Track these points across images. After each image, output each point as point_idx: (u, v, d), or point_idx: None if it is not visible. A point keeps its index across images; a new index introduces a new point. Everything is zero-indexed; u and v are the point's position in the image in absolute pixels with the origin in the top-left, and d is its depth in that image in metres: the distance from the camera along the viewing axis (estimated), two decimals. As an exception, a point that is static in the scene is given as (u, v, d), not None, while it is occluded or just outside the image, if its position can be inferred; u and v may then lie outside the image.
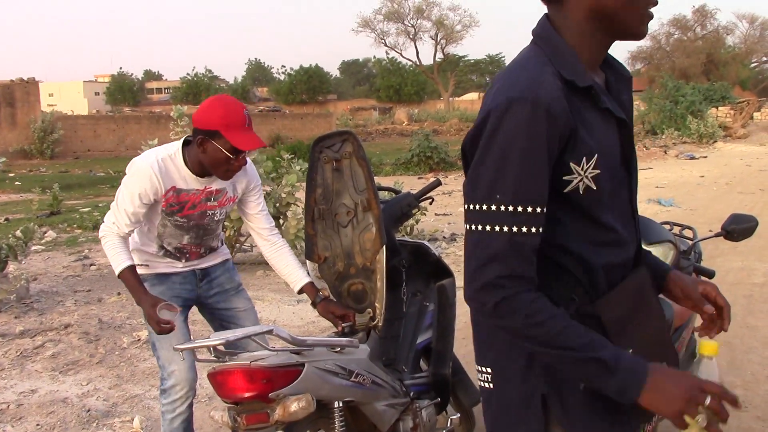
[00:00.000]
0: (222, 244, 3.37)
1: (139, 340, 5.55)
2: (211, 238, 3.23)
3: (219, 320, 3.31)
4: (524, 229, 1.43)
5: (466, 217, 1.49)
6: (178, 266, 3.18)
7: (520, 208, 1.42)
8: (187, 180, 2.99)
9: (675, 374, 1.45)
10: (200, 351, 2.52)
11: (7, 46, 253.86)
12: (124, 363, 5.12)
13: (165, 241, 3.11)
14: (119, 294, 7.09)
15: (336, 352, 2.68)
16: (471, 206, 1.47)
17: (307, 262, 3.16)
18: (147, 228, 3.10)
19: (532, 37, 1.56)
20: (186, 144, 3.00)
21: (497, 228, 1.44)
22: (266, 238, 3.24)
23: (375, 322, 3.05)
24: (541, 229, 1.45)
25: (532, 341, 1.46)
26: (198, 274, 3.23)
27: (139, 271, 3.02)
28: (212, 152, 2.87)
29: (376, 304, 3.04)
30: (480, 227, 1.45)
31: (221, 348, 2.45)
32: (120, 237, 2.94)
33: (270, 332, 2.46)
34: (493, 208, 1.43)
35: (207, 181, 3.03)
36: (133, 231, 3.02)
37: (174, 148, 3.00)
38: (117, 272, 2.92)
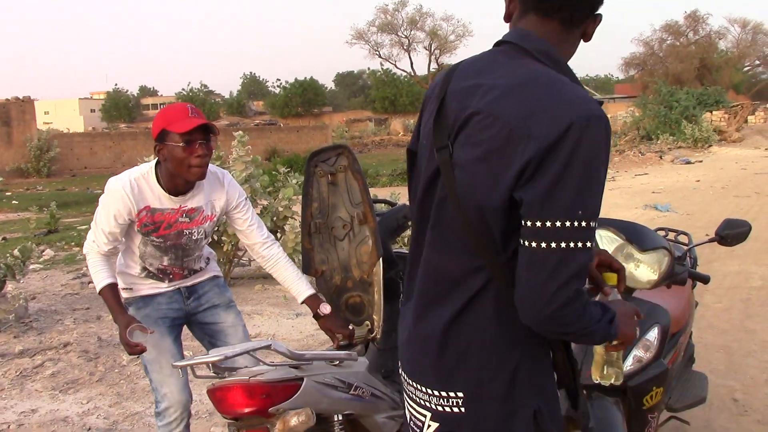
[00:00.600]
0: (207, 264, 3.30)
1: (138, 357, 5.54)
2: (193, 260, 3.16)
3: (208, 336, 3.26)
4: (589, 243, 1.44)
5: (535, 235, 1.42)
6: (162, 287, 3.14)
7: (593, 224, 1.43)
8: (161, 199, 2.96)
9: (622, 305, 1.66)
10: (199, 367, 2.53)
11: (1, 65, 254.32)
12: (124, 380, 5.11)
13: (147, 261, 3.07)
14: (118, 311, 7.08)
15: (335, 365, 2.69)
16: (548, 224, 1.41)
17: (304, 276, 3.17)
18: (128, 248, 3.08)
19: (524, 49, 1.57)
20: (158, 164, 2.98)
21: (580, 244, 1.41)
22: (261, 252, 3.19)
23: (373, 334, 3.06)
24: None
25: (581, 333, 1.50)
26: (184, 291, 3.19)
27: (124, 294, 3.05)
28: (169, 153, 2.84)
29: (374, 317, 3.05)
30: (563, 245, 1.41)
31: (220, 364, 2.46)
32: (101, 255, 2.96)
33: (268, 347, 2.46)
34: (576, 224, 1.41)
35: (182, 200, 3.00)
36: (113, 249, 2.99)
37: (147, 168, 2.99)
38: (97, 290, 2.95)
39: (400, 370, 1.79)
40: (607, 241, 2.84)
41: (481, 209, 1.51)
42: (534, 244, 1.43)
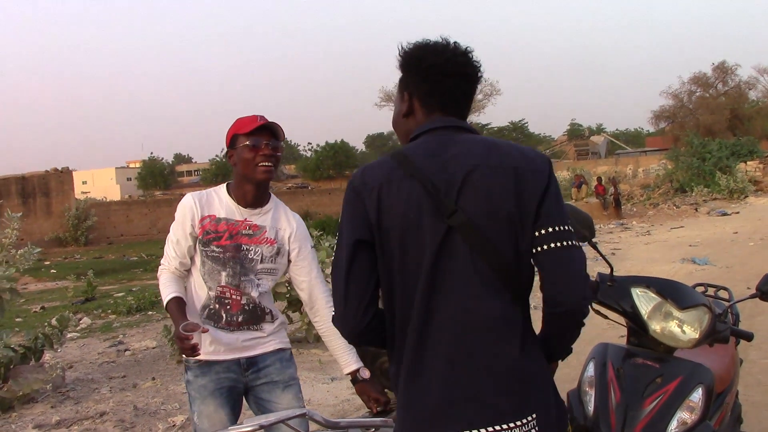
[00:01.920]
0: (272, 317, 3.14)
1: (174, 425, 5.53)
2: (250, 282, 3.04)
3: (261, 412, 3.11)
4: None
5: (566, 236, 1.86)
6: (221, 352, 3.02)
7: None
8: (228, 209, 3.05)
9: None
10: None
11: (41, 138, 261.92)
12: (160, 450, 5.08)
13: (207, 283, 3.02)
14: (153, 379, 7.10)
15: (371, 432, 2.65)
16: (568, 227, 1.88)
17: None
18: (192, 277, 3.07)
19: (460, 128, 2.00)
20: (230, 183, 3.15)
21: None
22: (322, 312, 3.13)
23: (389, 406, 3.01)
24: None
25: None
26: (243, 363, 3.06)
27: (185, 356, 2.97)
28: (238, 156, 2.99)
29: (388, 392, 3.00)
30: (577, 243, 1.88)
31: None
32: (170, 273, 3.03)
33: (303, 416, 2.44)
34: (570, 227, 1.89)
35: (248, 214, 3.05)
36: (182, 267, 3.04)
37: (220, 186, 3.16)
38: (164, 305, 3.00)
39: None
40: (644, 299, 2.79)
41: (522, 239, 1.86)
42: (567, 242, 1.86)
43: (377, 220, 1.87)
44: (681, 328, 2.73)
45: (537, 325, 1.96)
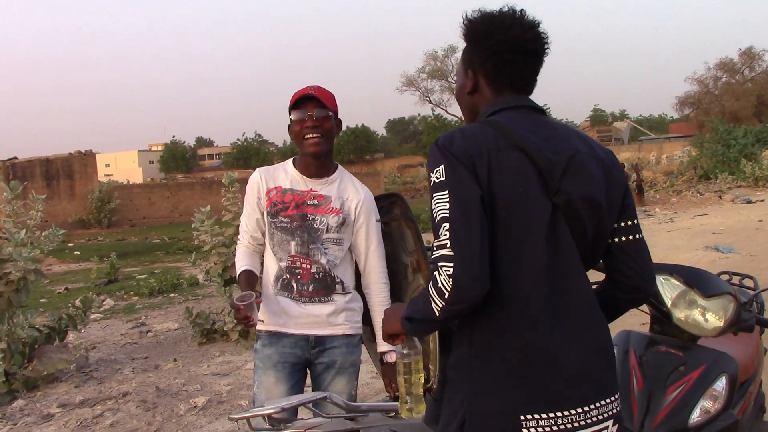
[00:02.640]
0: (342, 288, 3.09)
1: (195, 406, 5.58)
2: (318, 250, 3.04)
3: (314, 389, 3.13)
4: None
5: (640, 229, 2.01)
6: (290, 320, 3.03)
7: None
8: (293, 180, 3.10)
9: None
10: (255, 419, 2.52)
11: (65, 121, 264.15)
12: (181, 430, 5.14)
13: (278, 255, 3.06)
14: (175, 360, 7.17)
15: (390, 416, 2.65)
16: (638, 221, 2.04)
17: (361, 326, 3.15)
18: (266, 249, 3.15)
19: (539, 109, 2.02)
20: None
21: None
22: (370, 285, 3.12)
23: (429, 384, 3.01)
24: None
25: None
26: (312, 340, 3.06)
27: (259, 327, 3.10)
28: (292, 129, 3.06)
29: (431, 366, 3.00)
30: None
31: (276, 416, 2.44)
32: (244, 247, 3.19)
33: (324, 399, 2.45)
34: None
35: (313, 184, 3.08)
36: (255, 242, 3.17)
37: (289, 159, 3.22)
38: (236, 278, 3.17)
39: (561, 411, 1.78)
40: (668, 287, 2.77)
41: (601, 226, 1.92)
42: (639, 234, 1.99)
43: (488, 189, 1.78)
44: (705, 316, 2.71)
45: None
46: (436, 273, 1.73)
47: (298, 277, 3.04)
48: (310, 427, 2.41)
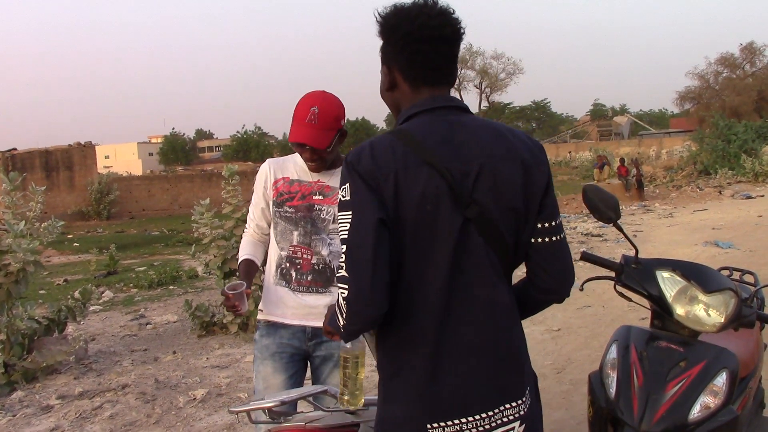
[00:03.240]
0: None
1: (194, 399, 5.58)
2: (321, 241, 3.09)
3: (314, 382, 3.19)
4: None
5: (560, 229, 1.96)
6: (288, 311, 3.08)
7: None
8: (301, 172, 3.13)
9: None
10: (256, 412, 2.52)
11: (65, 112, 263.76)
12: (181, 423, 5.14)
13: (280, 244, 3.12)
14: (174, 353, 7.17)
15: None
16: (560, 219, 1.98)
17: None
18: (270, 239, 3.19)
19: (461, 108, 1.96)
20: None
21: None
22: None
23: None
24: None
25: None
26: (309, 332, 3.10)
27: (259, 316, 3.20)
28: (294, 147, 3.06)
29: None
30: (565, 234, 1.98)
31: (276, 409, 2.44)
32: (249, 236, 3.25)
33: (325, 392, 2.44)
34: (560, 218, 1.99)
35: (320, 176, 3.12)
36: (260, 231, 3.22)
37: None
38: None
39: (465, 417, 1.83)
40: (669, 282, 2.76)
41: (522, 231, 1.90)
42: (562, 235, 1.96)
43: (394, 209, 1.78)
44: (706, 311, 2.70)
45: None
46: (338, 292, 1.79)
47: (298, 266, 3.09)
48: (311, 420, 2.41)
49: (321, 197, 3.10)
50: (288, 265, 3.10)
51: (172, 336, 8.07)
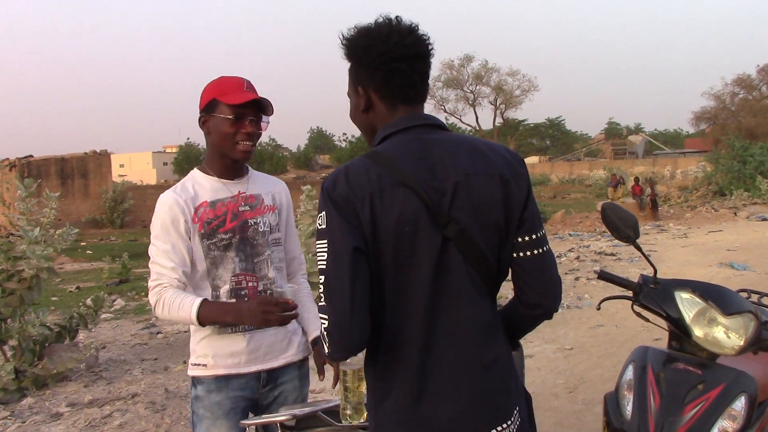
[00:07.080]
0: (284, 283, 2.78)
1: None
2: (263, 262, 2.73)
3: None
4: None
5: (543, 242, 1.91)
6: (241, 364, 2.67)
7: None
8: (215, 189, 2.70)
9: None
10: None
11: (81, 121, 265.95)
12: (190, 433, 5.12)
13: (218, 280, 2.65)
14: (185, 363, 7.15)
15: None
16: (543, 232, 1.92)
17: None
18: (197, 283, 2.67)
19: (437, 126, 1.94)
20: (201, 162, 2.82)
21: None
22: (290, 270, 2.93)
23: None
24: None
25: None
26: (263, 378, 2.72)
27: (197, 372, 2.67)
28: (215, 126, 2.64)
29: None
30: (549, 246, 1.95)
31: (288, 423, 2.42)
32: (174, 289, 2.56)
33: (338, 407, 2.42)
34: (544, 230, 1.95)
35: (238, 186, 2.74)
36: (184, 278, 2.61)
37: (188, 174, 2.80)
38: (194, 316, 2.50)
39: None
40: (688, 303, 2.73)
41: (503, 247, 1.88)
42: (546, 247, 1.92)
43: (372, 233, 1.77)
44: (726, 334, 2.66)
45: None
46: (320, 323, 1.81)
47: (245, 299, 2.64)
48: (322, 435, 2.38)
49: (249, 209, 2.73)
50: (234, 300, 2.64)
51: (183, 345, 8.06)
